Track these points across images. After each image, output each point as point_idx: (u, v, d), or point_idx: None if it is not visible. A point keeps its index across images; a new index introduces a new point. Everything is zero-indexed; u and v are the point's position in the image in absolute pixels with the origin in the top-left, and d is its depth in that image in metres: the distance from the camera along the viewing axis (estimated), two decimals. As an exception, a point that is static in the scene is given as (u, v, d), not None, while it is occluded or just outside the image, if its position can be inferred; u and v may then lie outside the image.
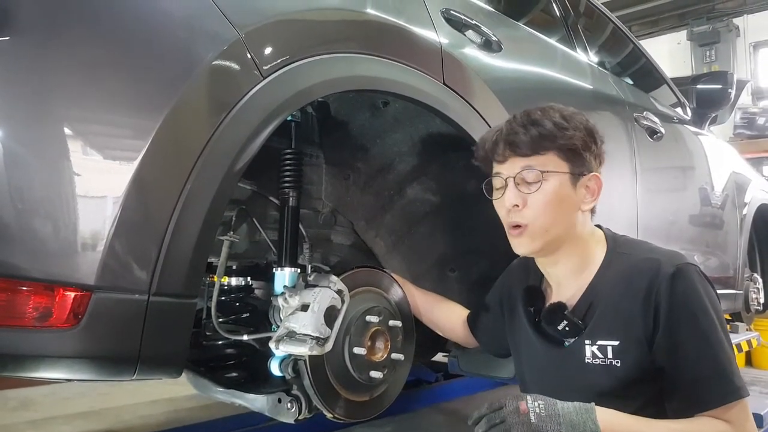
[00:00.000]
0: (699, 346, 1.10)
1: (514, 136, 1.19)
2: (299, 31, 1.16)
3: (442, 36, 1.48)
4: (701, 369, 1.10)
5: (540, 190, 1.17)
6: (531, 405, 1.05)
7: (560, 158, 1.18)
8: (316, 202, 1.62)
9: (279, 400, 1.27)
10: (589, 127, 1.22)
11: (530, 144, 1.18)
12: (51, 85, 0.91)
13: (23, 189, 0.88)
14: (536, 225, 1.19)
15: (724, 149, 3.32)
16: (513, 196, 1.19)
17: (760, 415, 2.40)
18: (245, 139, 1.02)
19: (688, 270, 1.14)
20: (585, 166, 1.20)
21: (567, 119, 1.19)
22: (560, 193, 1.18)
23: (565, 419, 1.04)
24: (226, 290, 1.38)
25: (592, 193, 1.22)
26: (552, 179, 1.18)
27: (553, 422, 1.04)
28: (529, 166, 1.18)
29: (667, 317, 1.11)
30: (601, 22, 2.84)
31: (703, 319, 1.11)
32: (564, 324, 1.19)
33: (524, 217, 1.19)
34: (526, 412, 1.05)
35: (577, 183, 1.20)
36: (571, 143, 1.18)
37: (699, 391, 1.10)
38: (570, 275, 1.25)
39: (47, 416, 2.76)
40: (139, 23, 0.98)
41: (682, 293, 1.12)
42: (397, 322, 1.37)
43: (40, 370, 0.93)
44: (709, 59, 8.05)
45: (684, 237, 2.64)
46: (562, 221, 1.20)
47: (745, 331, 3.25)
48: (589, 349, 1.17)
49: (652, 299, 1.12)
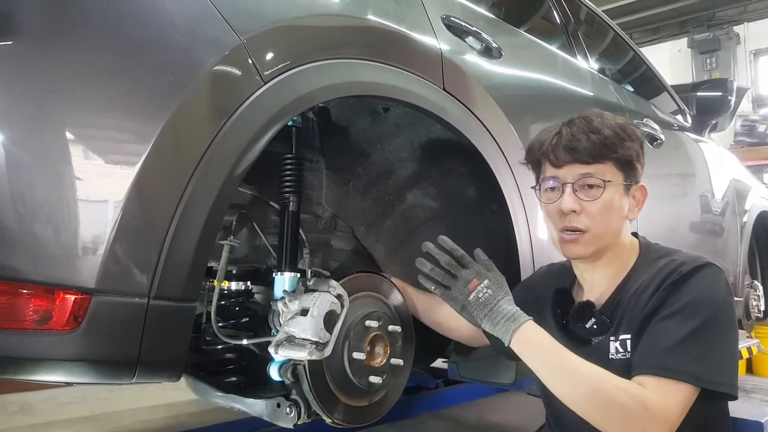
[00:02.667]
0: (680, 320, 1.08)
1: (577, 142, 1.20)
2: (300, 37, 1.16)
3: (443, 42, 1.49)
4: (666, 338, 1.08)
5: (599, 198, 1.20)
6: (479, 287, 1.18)
7: (617, 168, 1.21)
8: (316, 207, 1.62)
9: (278, 404, 1.27)
10: (641, 139, 1.25)
11: (592, 152, 1.20)
12: (52, 89, 0.91)
13: (24, 192, 0.88)
14: (593, 232, 1.21)
15: (724, 156, 3.32)
16: (572, 201, 1.21)
17: (761, 423, 2.39)
18: (246, 144, 1.02)
19: (711, 267, 1.15)
20: (635, 177, 1.24)
21: (623, 129, 1.22)
22: (615, 202, 1.21)
23: (492, 314, 1.16)
24: (225, 295, 1.38)
25: (638, 203, 1.27)
26: (610, 189, 1.20)
27: (481, 310, 1.16)
28: (589, 174, 1.20)
29: (670, 287, 1.12)
30: (602, 30, 2.85)
31: (701, 305, 1.09)
32: (592, 322, 1.21)
33: (581, 222, 1.21)
34: (472, 289, 1.18)
35: (627, 193, 1.24)
36: (628, 154, 1.21)
37: (647, 355, 1.09)
38: (605, 279, 1.28)
39: (46, 421, 2.75)
40: (140, 28, 0.99)
41: (694, 281, 1.12)
42: (397, 328, 1.37)
43: (39, 373, 0.93)
44: (710, 67, 8.07)
45: (684, 244, 2.63)
46: (614, 229, 1.23)
47: (745, 339, 3.25)
48: (613, 345, 1.18)
49: (665, 282, 1.13)
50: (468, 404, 2.60)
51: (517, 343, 1.14)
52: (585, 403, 1.08)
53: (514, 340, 1.14)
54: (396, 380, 1.40)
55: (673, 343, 1.07)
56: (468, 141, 1.47)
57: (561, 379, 1.12)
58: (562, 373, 1.11)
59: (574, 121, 1.24)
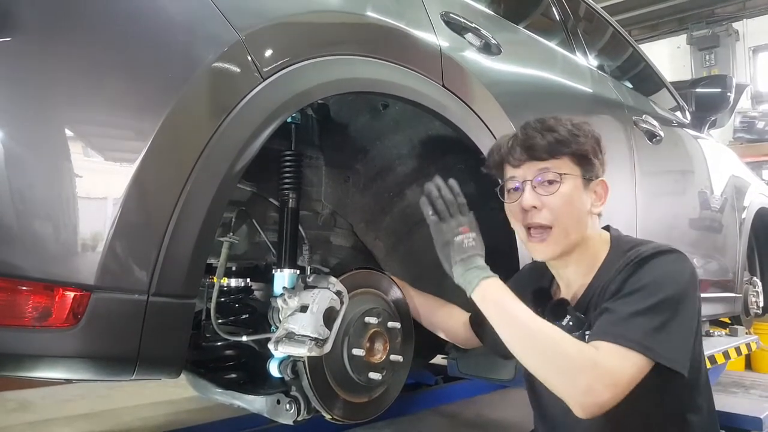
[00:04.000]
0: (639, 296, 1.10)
1: (532, 140, 1.24)
2: (299, 34, 1.16)
3: (442, 39, 1.49)
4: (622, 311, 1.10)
5: (557, 192, 1.22)
6: (468, 235, 1.24)
7: (573, 163, 1.24)
8: (315, 204, 1.62)
9: (278, 401, 1.27)
10: (596, 136, 1.28)
11: (547, 148, 1.23)
12: (52, 86, 0.92)
13: (24, 190, 0.88)
14: (559, 227, 1.23)
15: (723, 152, 3.33)
16: (532, 197, 1.24)
17: (759, 418, 2.40)
18: (245, 140, 1.02)
19: (675, 253, 1.17)
20: (594, 172, 1.27)
21: (578, 127, 1.26)
22: (575, 195, 1.24)
23: (465, 261, 1.22)
24: (225, 291, 1.38)
25: (600, 197, 1.29)
26: (568, 181, 1.23)
27: (459, 254, 1.23)
28: (547, 168, 1.23)
29: (632, 268, 1.14)
30: (601, 26, 2.85)
31: (660, 284, 1.11)
32: (568, 319, 1.23)
33: (544, 218, 1.23)
34: (461, 233, 1.24)
35: (587, 187, 1.26)
36: (583, 149, 1.24)
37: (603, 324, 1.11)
38: (579, 276, 1.29)
39: (46, 418, 2.75)
40: (139, 25, 0.99)
41: (656, 262, 1.15)
42: (396, 324, 1.37)
43: (39, 369, 0.93)
44: (709, 63, 8.05)
45: (683, 240, 2.64)
46: (578, 223, 1.25)
47: (744, 335, 3.25)
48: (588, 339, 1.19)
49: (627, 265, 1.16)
50: (467, 401, 2.60)
51: (479, 293, 1.20)
52: (536, 357, 1.12)
53: (478, 290, 1.19)
54: (395, 376, 1.40)
55: (629, 314, 1.09)
56: (467, 137, 1.47)
57: (516, 333, 1.15)
58: (517, 327, 1.15)
59: (529, 122, 1.28)
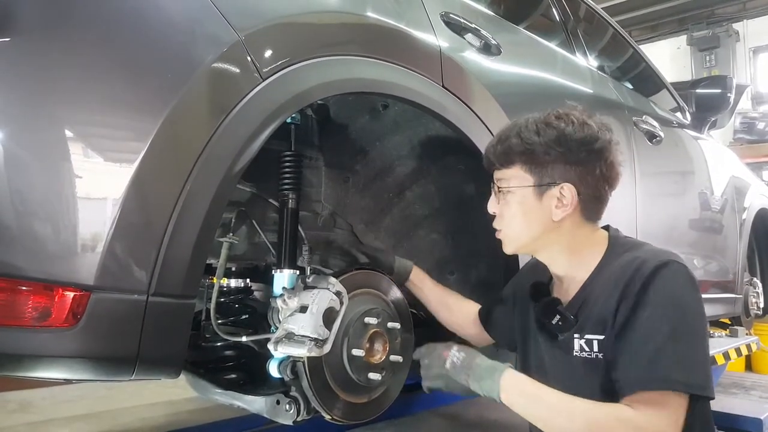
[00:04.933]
0: (653, 328, 1.08)
1: (489, 149, 1.27)
2: (299, 34, 1.16)
3: (442, 39, 1.49)
4: (642, 351, 1.08)
5: (506, 202, 1.25)
6: (452, 354, 1.22)
7: (525, 171, 1.21)
8: (315, 205, 1.62)
9: (277, 401, 1.27)
10: (563, 137, 1.17)
11: (497, 158, 1.25)
12: (50, 86, 0.91)
13: (23, 190, 0.88)
14: (506, 233, 1.27)
15: (723, 153, 3.32)
16: (492, 204, 1.28)
17: (760, 419, 2.40)
18: (244, 140, 1.02)
19: (672, 266, 1.13)
20: (551, 177, 1.19)
21: (540, 131, 1.18)
22: (524, 205, 1.22)
23: (473, 372, 1.18)
24: (225, 292, 1.38)
25: (562, 202, 1.19)
26: (516, 192, 1.23)
27: (464, 373, 1.19)
28: (500, 178, 1.26)
29: (636, 297, 1.11)
30: (601, 27, 2.85)
31: (669, 308, 1.09)
32: (557, 318, 1.23)
33: (498, 224, 1.28)
34: (445, 358, 1.22)
35: (543, 195, 1.20)
36: (532, 157, 1.19)
37: (630, 372, 1.09)
38: (568, 273, 1.28)
39: (46, 419, 2.75)
40: (139, 25, 0.98)
41: (658, 282, 1.11)
42: (396, 324, 1.37)
43: (38, 369, 0.93)
44: (709, 64, 8.05)
45: (684, 241, 2.64)
46: (532, 230, 1.24)
47: (744, 336, 3.25)
48: (578, 343, 1.19)
49: (629, 288, 1.13)
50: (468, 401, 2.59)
51: (505, 397, 1.15)
52: None
53: (503, 394, 1.15)
54: (395, 377, 1.40)
55: (653, 352, 1.07)
56: (467, 138, 1.47)
57: (550, 420, 1.13)
58: (550, 413, 1.12)
59: (504, 126, 1.28)
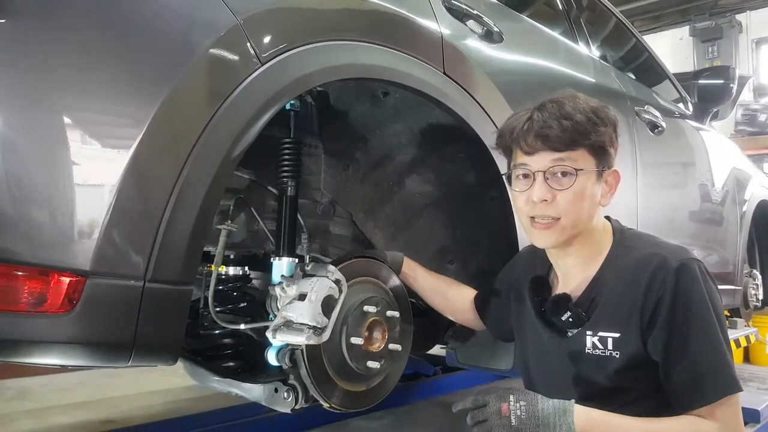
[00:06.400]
0: (698, 341, 1.11)
1: (548, 129, 1.15)
2: (299, 18, 1.15)
3: (443, 26, 1.47)
4: (697, 365, 1.10)
5: (571, 187, 1.16)
6: (513, 407, 1.11)
7: (589, 154, 1.17)
8: (314, 193, 1.61)
9: (276, 389, 1.27)
10: (615, 122, 1.21)
11: (564, 139, 1.15)
12: (46, 72, 0.90)
13: (20, 175, 0.87)
14: (565, 221, 1.18)
15: (724, 145, 3.31)
16: (543, 191, 1.17)
17: (757, 410, 2.41)
18: (242, 126, 1.01)
19: (692, 265, 1.14)
20: (608, 162, 1.21)
21: (597, 113, 1.17)
22: (588, 189, 1.18)
23: (544, 421, 1.09)
24: (223, 280, 1.37)
25: (611, 188, 1.23)
26: (582, 176, 1.16)
27: (532, 424, 1.10)
28: (561, 160, 1.16)
29: (669, 311, 1.11)
30: (604, 16, 2.83)
31: (704, 316, 1.11)
32: (568, 315, 1.21)
33: (553, 211, 1.17)
34: (508, 414, 1.11)
35: (600, 179, 1.20)
36: (601, 140, 1.17)
37: (694, 386, 1.10)
38: (578, 267, 1.26)
39: (45, 406, 2.76)
40: (135, 9, 0.97)
41: (684, 288, 1.11)
42: (395, 313, 1.37)
43: (34, 355, 0.92)
44: (712, 55, 8.02)
45: (684, 232, 2.63)
46: (587, 216, 1.20)
47: (743, 327, 3.25)
48: (590, 340, 1.18)
49: (654, 292, 1.12)
50: (466, 391, 2.61)
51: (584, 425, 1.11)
52: None
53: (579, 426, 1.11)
54: (394, 365, 1.40)
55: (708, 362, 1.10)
56: (468, 126, 1.46)
57: None
58: None
59: (546, 105, 1.18)
